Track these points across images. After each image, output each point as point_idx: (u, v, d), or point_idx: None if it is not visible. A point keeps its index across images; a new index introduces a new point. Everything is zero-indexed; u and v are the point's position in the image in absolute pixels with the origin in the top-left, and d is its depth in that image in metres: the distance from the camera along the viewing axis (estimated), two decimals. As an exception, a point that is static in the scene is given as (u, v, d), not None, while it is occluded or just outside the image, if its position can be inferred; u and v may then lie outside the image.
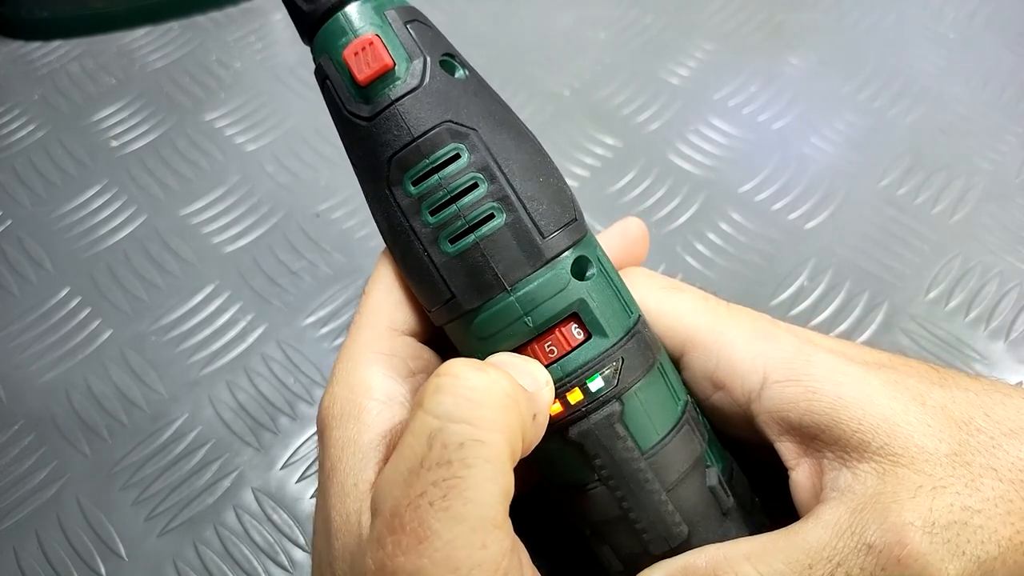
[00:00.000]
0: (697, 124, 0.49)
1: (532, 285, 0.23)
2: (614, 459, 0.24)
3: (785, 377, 0.25)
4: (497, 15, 0.56)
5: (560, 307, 0.24)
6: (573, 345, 0.24)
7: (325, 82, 0.24)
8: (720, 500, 0.25)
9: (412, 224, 0.24)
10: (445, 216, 0.23)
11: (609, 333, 0.24)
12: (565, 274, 0.24)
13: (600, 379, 0.24)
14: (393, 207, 0.24)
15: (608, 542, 0.25)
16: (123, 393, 0.39)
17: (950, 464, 0.22)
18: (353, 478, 0.23)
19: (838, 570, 0.22)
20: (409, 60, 0.23)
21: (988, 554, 0.21)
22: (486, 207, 0.23)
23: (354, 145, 0.24)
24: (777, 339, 0.26)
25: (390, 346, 0.26)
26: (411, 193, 0.23)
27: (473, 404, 0.20)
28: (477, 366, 0.21)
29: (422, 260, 0.24)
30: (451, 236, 0.23)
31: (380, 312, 0.26)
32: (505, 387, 0.21)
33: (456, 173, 0.23)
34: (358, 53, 0.23)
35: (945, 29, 0.54)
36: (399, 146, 0.23)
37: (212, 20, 0.57)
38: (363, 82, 0.23)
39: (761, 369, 0.25)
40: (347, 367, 0.25)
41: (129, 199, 0.47)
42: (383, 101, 0.23)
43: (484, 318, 0.24)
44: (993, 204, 0.45)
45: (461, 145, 0.23)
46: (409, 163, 0.23)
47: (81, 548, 0.35)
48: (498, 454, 0.20)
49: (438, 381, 0.21)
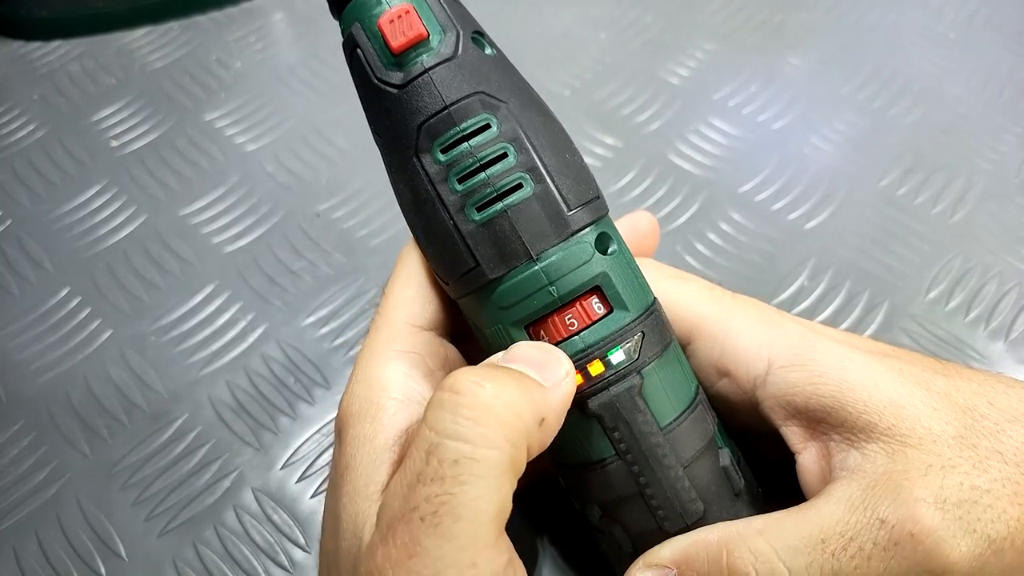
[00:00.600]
0: (697, 124, 0.49)
1: (558, 255, 0.24)
2: (633, 432, 0.24)
3: (790, 362, 0.25)
4: (497, 15, 0.56)
5: (584, 279, 0.24)
6: (595, 318, 0.24)
7: (355, 51, 0.24)
8: (732, 480, 0.25)
9: (439, 191, 0.24)
10: (473, 184, 0.23)
11: (630, 307, 0.24)
12: (589, 247, 0.24)
13: (621, 352, 0.24)
14: (420, 174, 0.24)
15: (620, 521, 0.25)
16: (123, 393, 0.39)
17: (957, 446, 0.23)
18: (365, 479, 0.23)
19: (851, 544, 0.22)
20: (443, 32, 0.24)
21: (998, 533, 0.22)
22: (515, 176, 0.23)
23: (381, 114, 0.24)
24: (782, 327, 0.26)
25: (410, 343, 0.26)
26: (440, 160, 0.24)
27: (471, 421, 0.20)
28: (481, 379, 0.21)
29: (447, 228, 0.24)
30: (479, 204, 0.23)
31: (400, 308, 0.26)
32: (507, 401, 0.21)
33: (487, 143, 0.23)
34: (394, 21, 0.23)
35: (945, 29, 0.54)
36: (430, 113, 0.23)
37: (212, 20, 0.57)
38: (397, 50, 0.23)
39: (766, 356, 0.25)
40: (366, 365, 0.25)
41: (129, 199, 0.47)
42: (416, 69, 0.23)
43: (508, 287, 0.24)
44: (993, 204, 0.45)
45: (492, 116, 0.24)
46: (440, 130, 0.23)
47: (81, 548, 0.35)
48: (493, 471, 0.20)
49: (439, 396, 0.21)
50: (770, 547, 0.22)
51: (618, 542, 0.26)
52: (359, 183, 0.47)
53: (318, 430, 0.38)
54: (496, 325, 0.24)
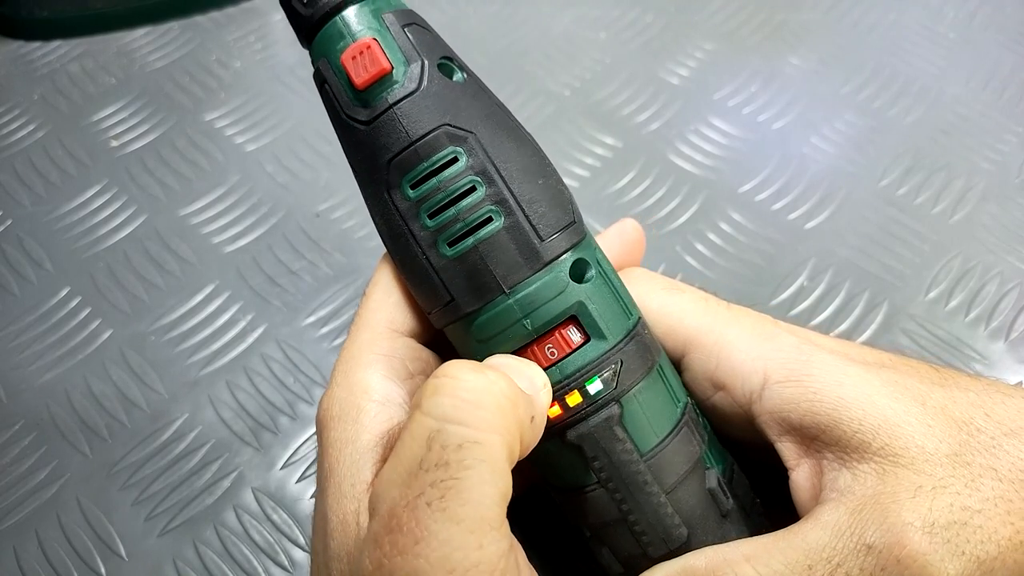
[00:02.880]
0: (697, 124, 0.49)
1: (531, 288, 0.23)
2: (613, 462, 0.24)
3: (786, 378, 0.25)
4: (497, 15, 0.56)
5: (559, 310, 0.23)
6: (572, 348, 0.24)
7: (324, 86, 0.24)
8: (719, 502, 0.25)
9: (411, 227, 0.24)
10: (444, 219, 0.23)
11: (608, 335, 0.24)
12: (564, 277, 0.24)
13: (599, 381, 0.24)
14: (392, 210, 0.24)
15: (607, 544, 0.25)
16: (123, 393, 0.39)
17: (950, 464, 0.22)
18: (351, 479, 0.23)
19: (838, 571, 0.22)
20: (407, 64, 0.23)
21: (988, 554, 0.21)
22: (484, 210, 0.23)
23: (353, 149, 0.24)
24: (778, 339, 0.26)
25: (389, 347, 0.25)
26: (409, 196, 0.23)
27: (471, 405, 0.20)
28: (475, 368, 0.21)
29: (421, 263, 0.24)
30: (450, 239, 0.23)
31: (379, 313, 0.26)
32: (503, 388, 0.21)
33: (454, 176, 0.23)
34: (356, 57, 0.23)
35: (945, 29, 0.54)
36: (397, 150, 0.23)
37: (212, 20, 0.57)
38: (361, 86, 0.23)
39: (762, 370, 0.25)
40: (346, 368, 0.25)
41: (129, 199, 0.47)
42: (381, 105, 0.23)
43: (483, 320, 0.24)
44: (993, 204, 0.45)
45: (459, 148, 0.23)
46: (407, 167, 0.23)
47: (81, 548, 0.35)
48: (496, 456, 0.20)
49: (436, 382, 0.21)
50: (756, 573, 0.22)
51: (607, 563, 0.26)
52: (358, 186, 0.47)
53: (318, 430, 0.38)
54: (477, 356, 0.24)
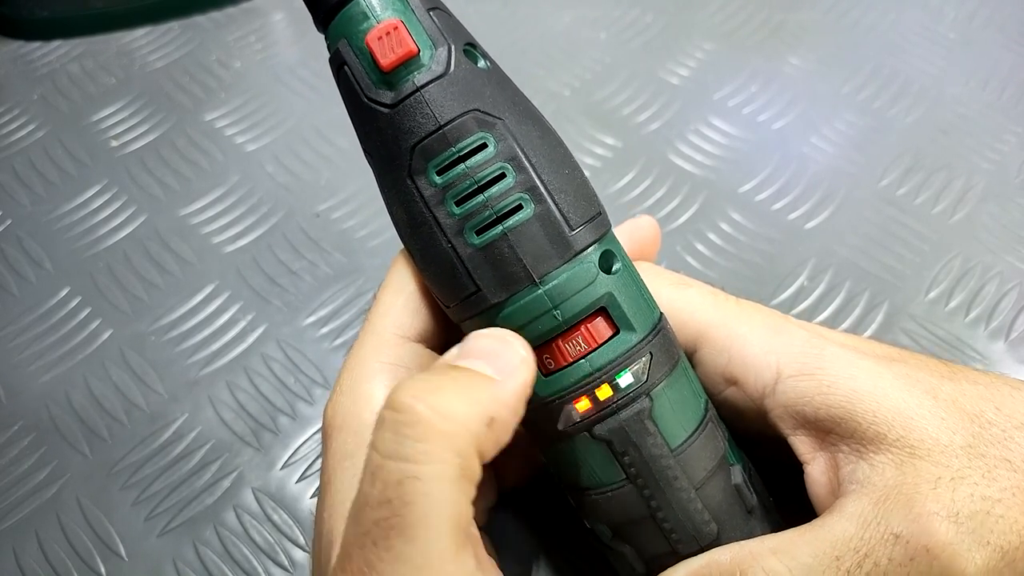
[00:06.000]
0: (697, 124, 0.49)
1: (561, 278, 0.23)
2: (643, 456, 0.23)
3: (799, 371, 0.25)
4: (497, 15, 0.56)
5: (589, 301, 0.23)
6: (601, 340, 0.23)
7: (342, 68, 0.23)
8: (744, 498, 0.25)
9: (436, 215, 0.23)
10: (471, 206, 0.22)
11: (637, 328, 0.23)
12: (593, 267, 0.23)
13: (629, 374, 0.23)
14: (415, 197, 0.23)
15: (631, 543, 0.25)
16: (123, 393, 0.39)
17: (966, 455, 0.22)
18: (343, 495, 0.23)
19: (866, 561, 0.22)
20: (434, 47, 0.23)
21: (1010, 543, 0.21)
22: (514, 197, 0.23)
23: (372, 134, 0.24)
24: (789, 333, 0.26)
25: (396, 354, 0.25)
26: (436, 183, 0.23)
27: (411, 439, 0.20)
28: (421, 390, 0.20)
29: (445, 252, 0.23)
30: (477, 227, 0.23)
31: (388, 317, 0.26)
32: (446, 411, 0.20)
33: (483, 163, 0.22)
34: (382, 38, 0.22)
35: (945, 29, 0.54)
36: (423, 134, 0.22)
37: (212, 20, 0.57)
38: (387, 68, 0.22)
39: (774, 364, 0.25)
40: (351, 375, 0.25)
41: (129, 199, 0.47)
42: (407, 88, 0.22)
43: (509, 312, 0.23)
44: (993, 204, 0.45)
45: (488, 134, 0.23)
46: (434, 152, 0.23)
47: (81, 548, 0.35)
48: (440, 485, 0.19)
49: (381, 415, 0.20)
50: (784, 567, 0.22)
51: (630, 563, 0.25)
52: (359, 183, 0.47)
53: (318, 430, 0.38)
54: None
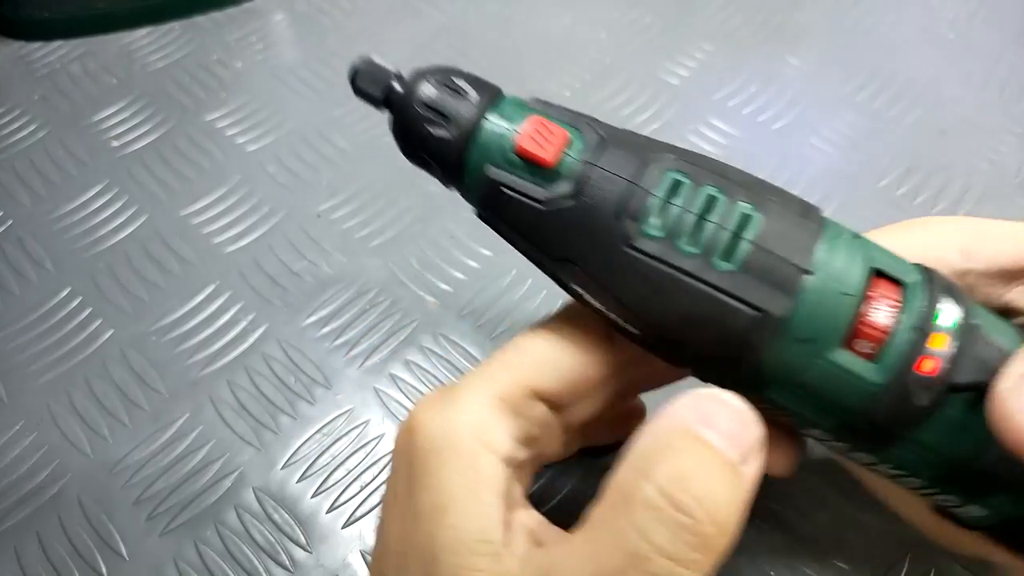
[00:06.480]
0: (697, 124, 0.49)
1: (825, 255, 0.21)
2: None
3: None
4: (497, 15, 0.56)
5: (861, 265, 0.22)
6: (899, 296, 0.21)
7: (501, 194, 0.22)
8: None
9: (674, 263, 0.21)
10: (706, 236, 0.21)
11: (908, 269, 0.22)
12: (846, 234, 0.22)
13: (945, 312, 0.21)
14: (642, 260, 0.22)
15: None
16: (124, 393, 0.39)
17: None
18: (476, 534, 0.21)
19: None
20: (571, 123, 0.23)
21: None
22: (739, 208, 0.22)
23: (561, 232, 0.22)
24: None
25: (526, 406, 0.23)
26: (658, 235, 0.22)
27: (689, 547, 0.18)
28: (684, 481, 0.18)
29: (705, 293, 0.21)
30: (723, 252, 0.21)
31: (524, 367, 0.24)
32: (728, 525, 0.18)
33: (691, 194, 0.22)
34: (534, 137, 0.22)
35: (944, 30, 0.54)
36: (621, 200, 0.22)
37: (213, 20, 0.57)
38: (553, 160, 0.22)
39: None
40: (473, 399, 0.23)
41: (130, 199, 0.47)
42: (579, 168, 0.22)
43: (802, 315, 0.21)
44: (992, 205, 0.45)
45: (674, 169, 0.22)
46: (641, 209, 0.22)
47: (82, 548, 0.35)
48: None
49: (655, 499, 0.18)
50: None
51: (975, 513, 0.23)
52: (360, 183, 0.47)
53: (319, 430, 0.38)
54: (808, 368, 0.21)
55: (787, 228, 0.22)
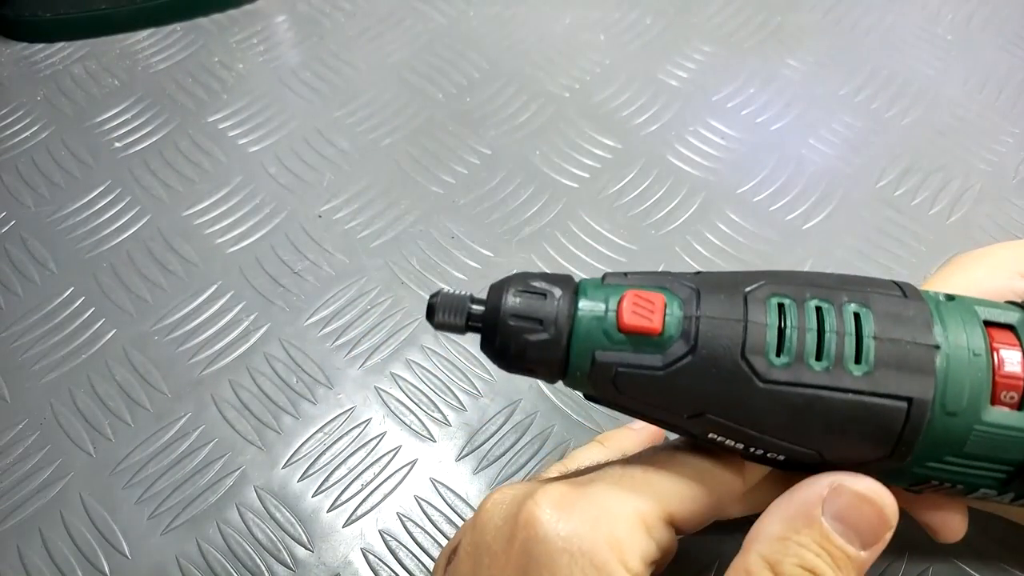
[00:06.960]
0: (696, 125, 0.50)
1: (940, 326, 0.22)
2: None
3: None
4: (497, 16, 0.56)
5: (974, 323, 0.22)
6: (1015, 337, 0.23)
7: (617, 376, 0.22)
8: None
9: (811, 382, 0.22)
10: (829, 347, 0.22)
11: (1010, 312, 0.23)
12: (940, 297, 0.23)
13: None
14: (780, 390, 0.22)
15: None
16: (126, 392, 0.40)
17: None
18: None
19: None
20: (660, 286, 0.23)
21: None
22: (848, 311, 0.22)
23: (688, 391, 0.22)
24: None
25: (659, 530, 0.24)
26: (785, 362, 0.22)
27: None
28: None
29: (847, 403, 0.22)
30: (853, 356, 0.22)
31: (667, 493, 0.24)
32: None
33: (797, 313, 0.22)
34: (635, 311, 0.22)
35: (942, 31, 0.55)
36: (738, 339, 0.22)
37: (215, 22, 0.57)
38: (659, 328, 0.22)
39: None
40: (619, 512, 0.23)
41: (132, 200, 0.47)
42: (684, 326, 0.22)
43: (947, 388, 0.22)
44: (990, 205, 0.45)
45: (773, 293, 0.22)
46: (762, 342, 0.22)
47: (85, 546, 0.35)
48: None
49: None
50: None
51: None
52: (361, 184, 0.47)
53: (320, 429, 0.38)
54: (972, 428, 0.22)
55: (899, 313, 0.22)
